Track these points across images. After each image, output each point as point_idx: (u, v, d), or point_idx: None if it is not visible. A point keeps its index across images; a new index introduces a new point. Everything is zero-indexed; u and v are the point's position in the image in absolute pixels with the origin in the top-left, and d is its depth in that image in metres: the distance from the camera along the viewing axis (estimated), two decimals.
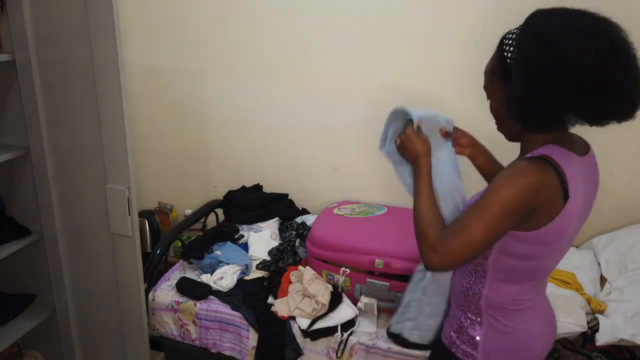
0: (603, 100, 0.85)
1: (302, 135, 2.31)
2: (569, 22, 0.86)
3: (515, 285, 1.01)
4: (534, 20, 0.90)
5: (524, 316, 1.04)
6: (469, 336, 1.07)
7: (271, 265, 1.94)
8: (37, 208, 1.70)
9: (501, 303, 1.03)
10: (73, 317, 1.85)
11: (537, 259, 0.96)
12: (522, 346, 1.05)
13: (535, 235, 0.91)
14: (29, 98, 1.55)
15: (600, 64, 0.82)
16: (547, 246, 0.94)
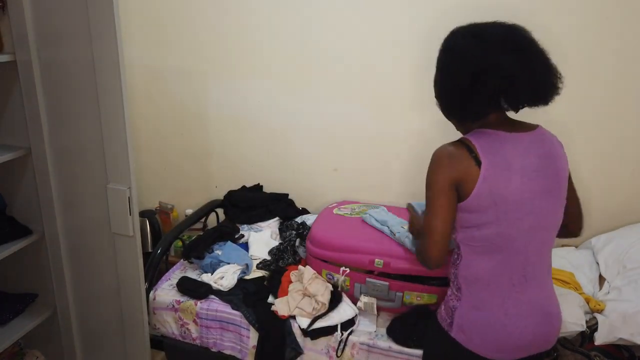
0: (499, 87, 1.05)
1: (302, 135, 2.32)
2: (468, 32, 1.10)
3: (485, 258, 1.13)
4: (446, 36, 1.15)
5: (501, 296, 1.13)
6: (450, 306, 1.21)
7: (271, 265, 1.95)
8: (38, 208, 1.70)
9: (476, 277, 1.15)
10: (74, 316, 1.85)
11: (486, 226, 1.09)
12: (494, 325, 1.13)
13: (469, 202, 1.08)
14: (30, 98, 1.56)
15: (488, 57, 1.03)
16: (486, 211, 1.08)
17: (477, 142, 1.09)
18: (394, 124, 2.16)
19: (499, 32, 1.07)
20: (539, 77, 1.06)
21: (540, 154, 1.12)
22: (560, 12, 1.85)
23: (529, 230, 1.11)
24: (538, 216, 1.11)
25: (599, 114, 1.92)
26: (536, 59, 1.07)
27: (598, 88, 1.89)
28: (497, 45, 1.05)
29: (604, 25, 1.82)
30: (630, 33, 1.81)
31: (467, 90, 1.07)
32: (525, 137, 1.13)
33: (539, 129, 1.18)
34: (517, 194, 1.08)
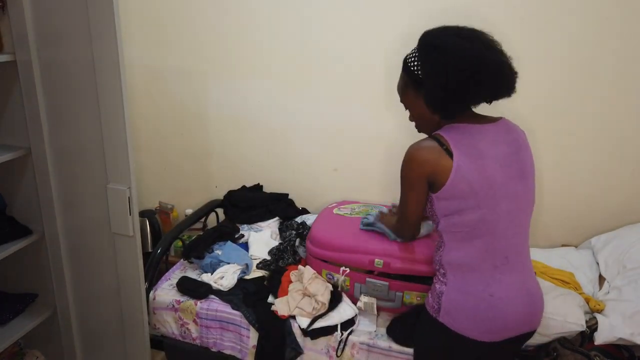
0: (492, 82, 1.15)
1: (302, 135, 2.32)
2: (449, 32, 1.19)
3: (468, 243, 1.19)
4: (426, 38, 1.22)
5: (485, 278, 1.18)
6: (437, 294, 1.25)
7: (271, 265, 1.95)
8: (38, 208, 1.71)
9: (460, 263, 1.21)
10: (74, 316, 1.85)
11: (467, 212, 1.16)
12: (480, 307, 1.17)
13: (445, 191, 1.16)
14: (30, 98, 1.56)
15: (480, 54, 1.13)
16: (465, 198, 1.15)
17: (448, 135, 1.17)
18: (394, 124, 2.16)
19: (474, 33, 1.18)
20: (509, 70, 1.18)
21: (508, 141, 1.21)
22: (561, 13, 1.85)
23: (507, 214, 1.17)
24: (514, 200, 1.18)
25: (599, 114, 1.92)
26: (503, 57, 1.18)
27: (598, 88, 1.89)
28: (481, 45, 1.15)
29: (604, 26, 1.82)
30: (630, 33, 1.81)
31: (461, 84, 1.14)
32: (492, 127, 1.21)
33: (503, 119, 1.27)
34: (492, 180, 1.15)
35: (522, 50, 1.89)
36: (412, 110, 1.30)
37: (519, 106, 1.98)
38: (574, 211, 2.06)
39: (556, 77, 1.92)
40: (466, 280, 1.20)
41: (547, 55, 1.90)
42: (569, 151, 1.99)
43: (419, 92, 1.23)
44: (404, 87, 1.29)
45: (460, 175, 1.14)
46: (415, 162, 1.18)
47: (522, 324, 1.21)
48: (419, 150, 1.19)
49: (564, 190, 2.04)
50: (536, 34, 1.89)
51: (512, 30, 1.89)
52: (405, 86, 1.28)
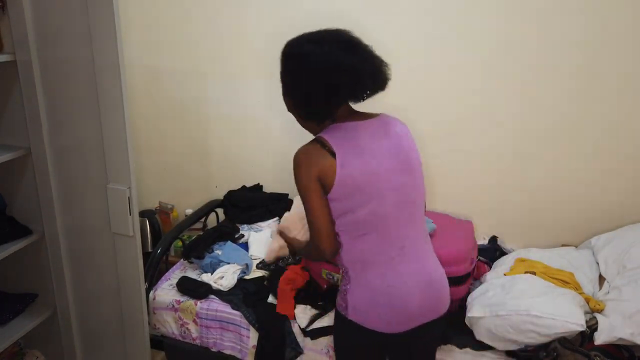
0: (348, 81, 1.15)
1: (303, 135, 2.30)
2: (303, 38, 1.20)
3: (361, 239, 1.20)
4: (284, 47, 1.23)
5: (381, 272, 1.20)
6: (343, 291, 1.26)
7: (271, 265, 1.95)
8: (38, 208, 1.70)
9: (357, 258, 1.22)
10: (74, 316, 1.85)
11: (357, 210, 1.17)
12: (381, 298, 1.20)
13: (334, 191, 1.16)
14: (30, 98, 1.56)
15: (331, 57, 1.13)
16: (353, 195, 1.16)
17: (329, 135, 1.19)
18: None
19: (330, 35, 1.19)
20: (375, 68, 1.19)
21: (389, 135, 1.23)
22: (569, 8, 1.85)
23: (396, 205, 1.20)
24: (400, 191, 1.20)
25: (599, 113, 1.92)
26: (367, 53, 1.19)
27: (599, 88, 1.89)
28: (333, 46, 1.15)
29: (607, 26, 1.82)
30: (632, 33, 1.80)
31: (318, 90, 1.16)
32: (371, 122, 1.24)
33: (383, 115, 1.30)
34: (376, 173, 1.17)
35: (520, 47, 1.91)
36: (295, 117, 1.32)
37: (518, 105, 1.99)
38: (574, 211, 2.06)
39: (557, 77, 1.92)
40: (366, 275, 1.21)
41: (544, 52, 1.90)
42: (569, 151, 1.99)
43: (290, 100, 1.27)
44: (283, 96, 1.29)
45: (345, 173, 1.15)
46: (303, 165, 1.20)
47: (425, 311, 1.23)
48: (304, 154, 1.21)
49: (564, 190, 2.04)
50: (536, 33, 1.89)
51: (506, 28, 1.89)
52: (283, 95, 1.29)
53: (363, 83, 1.19)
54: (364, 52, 1.19)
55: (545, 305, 1.50)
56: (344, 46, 1.17)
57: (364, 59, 1.18)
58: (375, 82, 1.21)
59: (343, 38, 1.19)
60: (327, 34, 1.20)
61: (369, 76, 1.19)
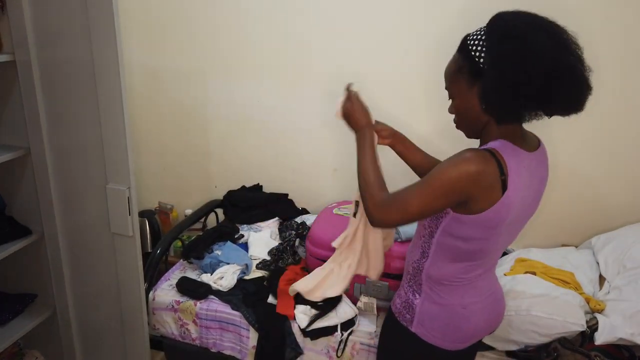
0: (568, 88, 0.95)
1: (302, 135, 2.32)
2: (530, 22, 0.96)
3: (455, 264, 1.11)
4: (500, 21, 0.99)
5: (461, 292, 1.14)
6: (409, 304, 1.19)
7: (271, 265, 1.95)
8: (37, 208, 1.70)
9: (440, 278, 1.13)
10: (73, 316, 1.85)
11: (476, 241, 1.05)
12: (454, 319, 1.15)
13: (474, 219, 1.00)
14: (29, 98, 1.55)
15: (561, 57, 0.93)
16: (486, 231, 1.03)
17: (509, 161, 0.98)
18: (394, 125, 2.15)
19: (552, 28, 0.96)
20: (583, 83, 0.98)
21: (540, 178, 1.09)
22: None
23: (504, 245, 1.13)
24: (516, 234, 1.14)
25: (599, 113, 1.92)
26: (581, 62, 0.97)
27: (599, 88, 1.89)
28: (564, 45, 0.94)
29: (608, 25, 1.82)
30: (634, 32, 1.80)
31: (533, 87, 0.93)
32: (534, 158, 1.05)
33: (542, 146, 1.12)
34: (516, 219, 1.06)
35: None
36: (459, 101, 1.07)
37: None
38: (574, 211, 2.05)
39: None
40: (441, 293, 1.15)
41: None
42: (569, 151, 1.99)
43: (474, 83, 1.01)
44: (455, 72, 1.05)
45: (499, 215, 0.99)
46: (469, 176, 0.96)
47: (487, 329, 1.22)
48: (480, 167, 0.96)
49: (564, 190, 2.04)
50: None
51: None
52: (459, 71, 1.04)
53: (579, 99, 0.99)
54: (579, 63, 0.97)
55: (546, 306, 1.50)
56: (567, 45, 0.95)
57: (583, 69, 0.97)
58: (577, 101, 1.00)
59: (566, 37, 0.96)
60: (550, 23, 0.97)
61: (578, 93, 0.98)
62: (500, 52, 0.95)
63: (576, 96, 0.98)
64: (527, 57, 0.92)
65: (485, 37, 0.98)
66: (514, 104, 0.97)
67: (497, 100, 0.98)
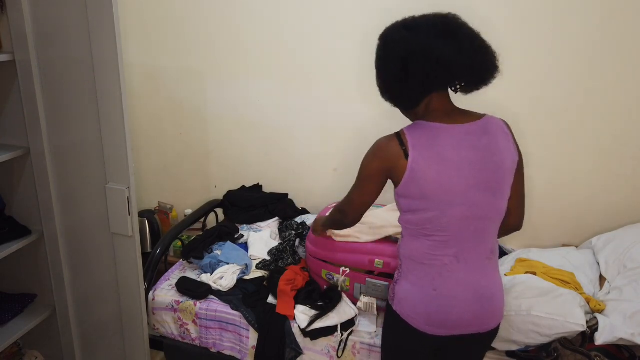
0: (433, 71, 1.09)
1: (302, 135, 2.32)
2: (401, 24, 1.16)
3: (418, 239, 1.21)
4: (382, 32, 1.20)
5: (432, 274, 1.20)
6: (393, 283, 1.29)
7: (271, 265, 1.95)
8: (37, 208, 1.70)
9: (412, 255, 1.23)
10: (73, 316, 1.85)
11: (418, 212, 1.17)
12: (424, 299, 1.20)
13: (401, 190, 1.17)
14: (29, 98, 1.55)
15: (419, 45, 1.09)
16: (416, 199, 1.16)
17: (411, 135, 1.16)
18: (394, 125, 2.15)
19: (429, 20, 1.12)
20: (472, 58, 1.10)
21: (478, 146, 1.15)
22: (563, 10, 1.85)
23: (461, 219, 1.16)
24: (472, 207, 1.16)
25: (599, 113, 1.92)
26: (468, 41, 1.10)
27: (598, 87, 1.89)
28: (425, 32, 1.10)
29: (606, 23, 1.82)
30: (631, 31, 1.80)
31: (398, 75, 1.13)
32: (462, 128, 1.16)
33: (485, 118, 1.20)
34: (448, 186, 1.13)
35: (520, 46, 1.91)
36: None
37: (518, 105, 1.98)
38: (574, 211, 2.05)
39: (556, 76, 1.91)
40: (416, 272, 1.22)
41: (546, 53, 1.90)
42: (569, 151, 1.99)
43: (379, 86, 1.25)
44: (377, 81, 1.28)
45: (412, 178, 1.14)
46: (375, 155, 1.20)
47: (468, 322, 1.21)
48: (379, 148, 1.20)
49: (565, 190, 2.04)
50: (536, 30, 1.88)
51: (512, 27, 1.89)
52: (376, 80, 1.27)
53: (452, 74, 1.12)
54: (465, 41, 1.09)
55: (546, 306, 1.50)
56: (441, 33, 1.09)
57: (459, 48, 1.08)
58: (473, 74, 1.13)
59: (443, 23, 1.11)
60: (427, 19, 1.13)
61: (463, 67, 1.10)
62: (376, 56, 1.21)
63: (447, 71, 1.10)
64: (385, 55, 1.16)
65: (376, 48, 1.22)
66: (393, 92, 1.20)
67: (384, 93, 1.23)
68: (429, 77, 1.11)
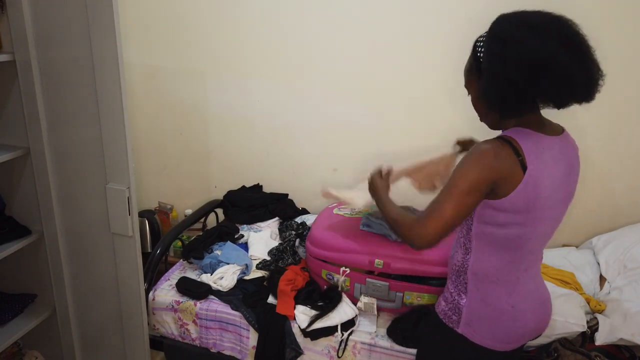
0: (556, 85, 1.00)
1: (302, 135, 2.32)
2: (522, 22, 1.02)
3: (498, 256, 1.12)
4: (495, 23, 1.06)
5: (508, 290, 1.14)
6: (455, 304, 1.19)
7: (271, 265, 1.95)
8: (37, 208, 1.70)
9: (485, 273, 1.14)
10: (73, 316, 1.85)
11: (512, 226, 1.07)
12: (502, 318, 1.14)
13: (504, 202, 1.04)
14: (29, 98, 1.55)
15: (548, 55, 0.97)
16: (517, 214, 1.06)
17: (524, 143, 1.04)
18: (394, 124, 2.16)
19: (554, 23, 1.02)
20: (590, 74, 1.02)
21: (567, 161, 1.11)
22: None
23: (544, 234, 1.13)
24: (554, 222, 1.14)
25: (600, 113, 1.92)
26: (588, 55, 1.02)
27: (602, 89, 1.89)
28: (554, 39, 0.99)
29: (613, 23, 1.81)
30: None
31: (520, 84, 1.01)
32: (557, 142, 1.10)
33: (565, 132, 1.15)
34: (545, 201, 1.07)
35: None
36: (472, 96, 1.17)
37: None
38: (574, 211, 2.05)
39: None
40: (489, 291, 1.14)
41: None
42: None
43: (479, 80, 1.10)
44: (468, 71, 1.15)
45: (526, 192, 1.03)
46: (487, 163, 1.03)
47: (536, 330, 1.20)
48: (494, 152, 1.03)
49: None
50: None
51: None
52: (470, 70, 1.14)
53: (572, 91, 1.02)
54: (586, 54, 1.01)
55: None
56: (567, 42, 0.99)
57: (582, 62, 1.00)
58: (588, 90, 1.04)
59: (568, 32, 1.01)
60: (550, 21, 1.01)
61: (581, 85, 1.02)
62: (490, 53, 1.04)
63: (567, 87, 1.01)
64: (509, 57, 1.00)
65: (485, 40, 1.07)
66: (507, 99, 1.04)
67: (490, 97, 1.07)
68: (557, 93, 1.03)
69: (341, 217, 1.93)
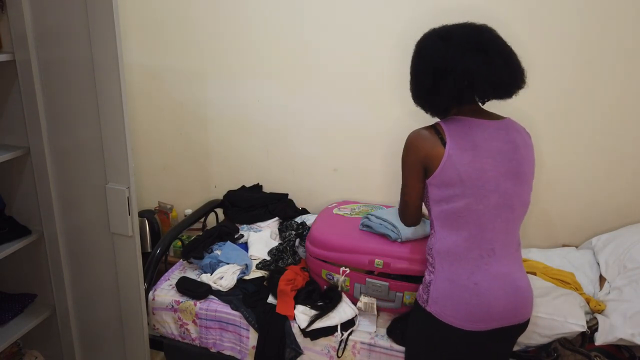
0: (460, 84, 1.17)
1: (302, 135, 2.32)
2: (436, 33, 1.23)
3: (457, 232, 1.22)
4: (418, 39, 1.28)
5: (470, 268, 1.21)
6: (426, 284, 1.28)
7: (271, 265, 1.95)
8: (37, 208, 1.70)
9: (448, 251, 1.23)
10: (73, 316, 1.85)
11: (454, 199, 1.20)
12: (465, 295, 1.20)
13: (435, 178, 1.21)
14: (29, 98, 1.55)
15: (450, 59, 1.15)
16: (452, 186, 1.19)
17: (446, 125, 1.22)
18: (394, 124, 2.15)
19: (465, 32, 1.18)
20: (498, 73, 1.16)
21: (505, 140, 1.23)
22: (568, 13, 1.84)
23: (495, 207, 1.20)
24: (503, 195, 1.20)
25: (600, 114, 1.92)
26: (501, 57, 1.16)
27: (600, 90, 1.89)
28: (459, 46, 1.16)
29: (609, 27, 1.82)
30: (635, 34, 1.80)
31: (430, 88, 1.21)
32: (493, 124, 1.24)
33: (508, 119, 1.29)
34: (482, 171, 1.18)
35: (526, 50, 1.90)
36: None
37: (521, 106, 1.98)
38: (574, 211, 2.05)
39: (559, 78, 1.91)
40: (452, 269, 1.22)
41: (552, 56, 1.90)
42: (570, 151, 1.99)
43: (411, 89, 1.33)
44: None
45: (450, 163, 1.18)
46: (412, 147, 1.25)
47: (506, 314, 1.21)
48: (416, 137, 1.25)
49: (565, 190, 2.04)
50: (542, 34, 1.88)
51: (520, 30, 1.89)
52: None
53: (480, 88, 1.19)
54: (497, 57, 1.16)
55: (546, 306, 1.50)
56: (474, 46, 1.15)
57: (488, 63, 1.15)
58: (498, 88, 1.20)
59: (477, 37, 1.17)
60: (462, 30, 1.19)
61: (488, 83, 1.17)
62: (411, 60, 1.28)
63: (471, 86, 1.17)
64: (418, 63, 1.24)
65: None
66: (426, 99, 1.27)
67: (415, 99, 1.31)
68: (459, 93, 1.19)
69: (341, 217, 1.93)
